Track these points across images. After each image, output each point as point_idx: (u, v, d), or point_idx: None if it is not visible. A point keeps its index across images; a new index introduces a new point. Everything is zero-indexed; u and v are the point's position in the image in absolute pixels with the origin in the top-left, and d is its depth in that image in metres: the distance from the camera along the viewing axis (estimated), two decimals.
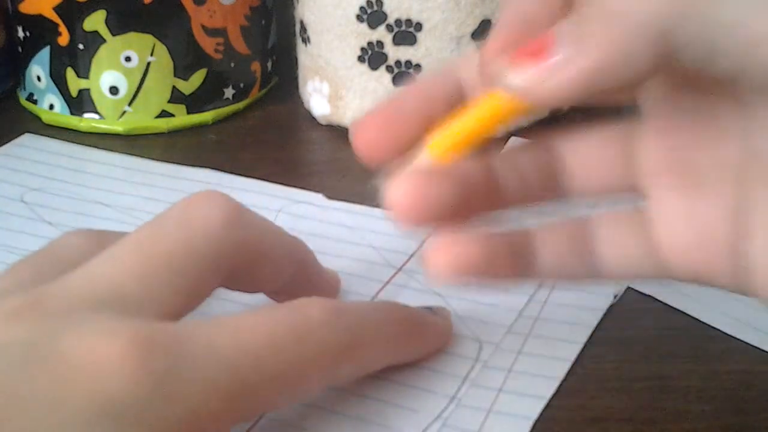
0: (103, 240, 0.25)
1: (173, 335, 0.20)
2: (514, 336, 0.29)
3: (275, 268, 0.27)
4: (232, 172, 0.40)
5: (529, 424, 0.26)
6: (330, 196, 0.38)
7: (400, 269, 0.34)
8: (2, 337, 0.20)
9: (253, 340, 0.21)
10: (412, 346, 0.28)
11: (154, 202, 0.38)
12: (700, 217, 0.22)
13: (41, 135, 0.44)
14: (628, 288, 0.31)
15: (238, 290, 0.27)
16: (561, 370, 0.28)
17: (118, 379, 0.19)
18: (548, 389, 0.27)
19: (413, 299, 0.30)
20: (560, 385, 0.27)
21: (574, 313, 0.31)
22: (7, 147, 0.43)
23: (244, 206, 0.26)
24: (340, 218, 0.37)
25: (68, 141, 0.44)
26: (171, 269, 0.22)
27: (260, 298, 0.29)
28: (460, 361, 0.28)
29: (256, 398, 0.21)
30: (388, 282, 0.33)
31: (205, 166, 0.41)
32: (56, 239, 0.26)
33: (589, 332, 0.30)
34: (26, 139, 0.44)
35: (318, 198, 0.39)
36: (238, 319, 0.22)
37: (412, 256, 0.34)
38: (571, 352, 0.29)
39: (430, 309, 0.29)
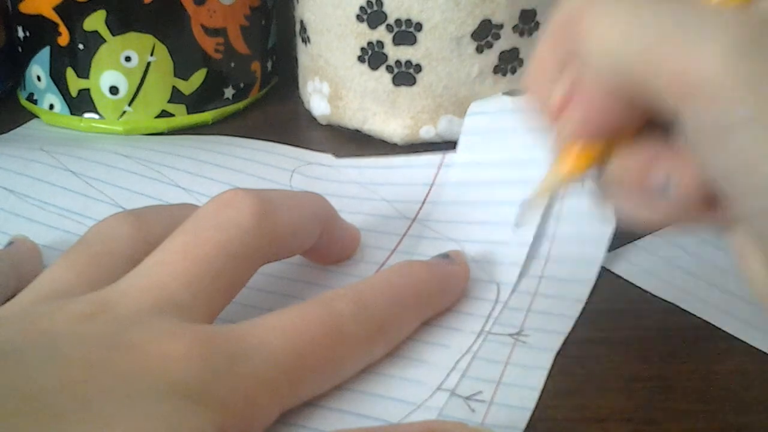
0: (145, 226, 0.28)
1: (229, 338, 0.23)
2: (528, 279, 0.31)
3: (305, 238, 0.29)
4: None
5: (551, 356, 0.27)
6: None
7: (414, 220, 0.35)
8: (78, 331, 0.22)
9: (295, 338, 0.24)
10: (436, 303, 0.29)
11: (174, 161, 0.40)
12: None
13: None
14: (629, 287, 0.32)
15: (275, 261, 0.29)
16: (575, 311, 0.30)
17: (184, 368, 0.21)
18: (566, 326, 0.29)
19: (430, 248, 0.32)
20: (560, 385, 0.27)
21: (581, 249, 0.32)
22: (18, 129, 0.45)
23: (269, 195, 0.27)
24: (351, 175, 0.39)
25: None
26: (212, 273, 0.25)
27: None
28: (482, 303, 0.30)
29: (300, 388, 0.24)
30: (404, 235, 0.34)
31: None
32: (101, 225, 0.28)
33: (596, 269, 0.32)
34: (35, 123, 0.46)
35: (327, 158, 0.41)
36: (280, 319, 0.24)
37: (423, 204, 0.36)
38: (582, 292, 0.31)
39: (446, 256, 0.30)
